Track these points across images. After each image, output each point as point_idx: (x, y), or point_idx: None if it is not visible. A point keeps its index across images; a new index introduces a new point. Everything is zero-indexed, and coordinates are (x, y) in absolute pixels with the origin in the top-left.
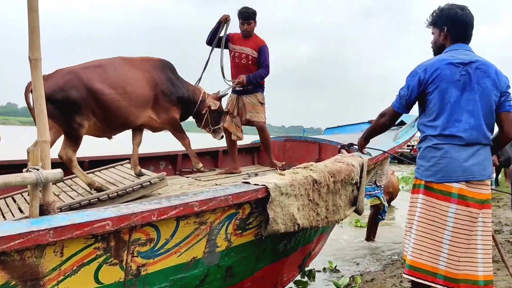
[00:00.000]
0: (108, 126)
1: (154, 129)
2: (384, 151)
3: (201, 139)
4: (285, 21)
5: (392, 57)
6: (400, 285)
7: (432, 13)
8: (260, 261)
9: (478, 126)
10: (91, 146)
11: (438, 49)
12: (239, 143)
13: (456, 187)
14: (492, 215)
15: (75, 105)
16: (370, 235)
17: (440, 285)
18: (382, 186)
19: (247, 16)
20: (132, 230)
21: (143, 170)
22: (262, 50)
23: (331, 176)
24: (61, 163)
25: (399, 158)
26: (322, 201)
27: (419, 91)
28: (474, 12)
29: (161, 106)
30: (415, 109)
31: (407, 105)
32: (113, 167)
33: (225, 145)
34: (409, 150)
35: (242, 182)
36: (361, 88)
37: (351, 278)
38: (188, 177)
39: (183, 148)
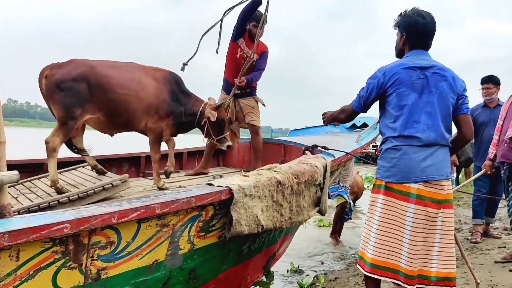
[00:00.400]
0: (111, 123)
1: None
2: (347, 153)
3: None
4: None
5: (357, 59)
6: (362, 283)
7: (398, 15)
8: (224, 263)
9: (436, 127)
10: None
11: (398, 52)
12: (203, 144)
13: (414, 187)
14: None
15: (82, 97)
16: (335, 234)
17: (401, 282)
18: (347, 186)
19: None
20: (92, 233)
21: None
22: (264, 55)
23: (295, 178)
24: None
25: (363, 159)
26: (286, 202)
27: (377, 93)
28: (435, 14)
29: (155, 115)
30: (376, 111)
31: (364, 106)
32: (75, 169)
33: (190, 146)
34: (373, 151)
35: (206, 184)
36: (327, 89)
37: (315, 278)
38: (151, 179)
39: (146, 150)
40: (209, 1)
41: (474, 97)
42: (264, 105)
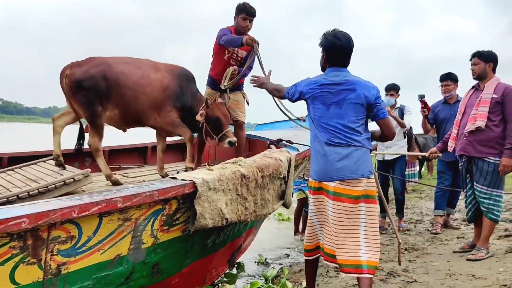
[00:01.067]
0: (124, 119)
1: (159, 130)
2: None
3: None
4: (221, 17)
5: None
6: (326, 274)
7: (322, 35)
8: (188, 257)
9: (346, 132)
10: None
11: (322, 68)
12: (168, 139)
13: (331, 185)
14: (415, 206)
15: (101, 94)
16: (298, 229)
17: (322, 257)
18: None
19: (252, 12)
20: (51, 228)
21: (67, 167)
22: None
23: (260, 171)
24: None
25: None
26: (250, 195)
27: (298, 98)
28: (401, 13)
29: (163, 109)
30: None
31: (290, 100)
32: (36, 163)
33: (154, 141)
34: None
35: (169, 178)
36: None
37: (280, 270)
38: (115, 174)
39: (110, 144)
40: None
41: (437, 94)
42: (248, 102)
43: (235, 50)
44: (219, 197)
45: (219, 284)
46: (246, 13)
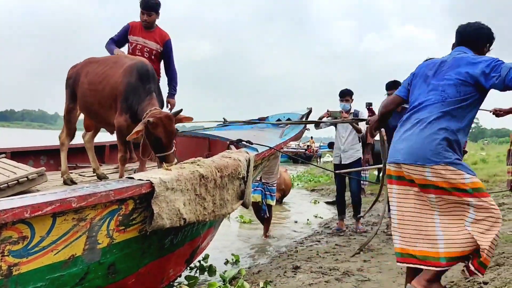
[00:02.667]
0: (90, 118)
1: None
2: (270, 147)
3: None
4: (184, 17)
5: (290, 59)
6: (284, 275)
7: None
8: (145, 257)
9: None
10: None
11: None
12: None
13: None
14: (372, 209)
15: (72, 94)
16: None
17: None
18: (271, 183)
19: (149, 6)
20: (2, 228)
21: (21, 165)
22: (169, 46)
23: (218, 171)
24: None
25: (294, 157)
26: (209, 195)
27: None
28: (363, 21)
29: (115, 109)
30: (297, 109)
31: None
32: None
33: (112, 139)
34: (304, 150)
35: (126, 177)
36: (260, 88)
37: (237, 271)
38: (71, 173)
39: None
40: None
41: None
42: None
43: (139, 40)
44: (177, 197)
45: (176, 285)
46: (142, 7)
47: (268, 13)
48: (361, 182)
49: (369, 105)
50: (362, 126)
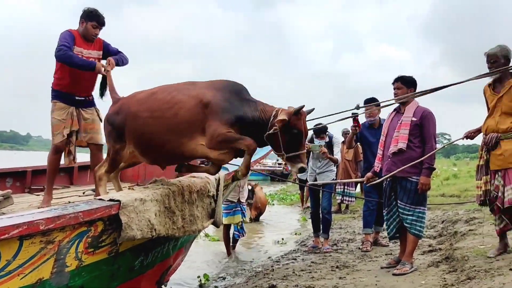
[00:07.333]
0: (149, 152)
1: (210, 160)
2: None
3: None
4: (164, 39)
5: (268, 80)
6: None
7: None
8: (115, 279)
9: None
10: None
11: None
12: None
13: None
14: (348, 226)
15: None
16: (230, 252)
17: None
18: (244, 202)
19: (103, 22)
20: None
21: None
22: (105, 43)
23: (187, 187)
24: None
25: (271, 175)
26: (178, 210)
27: None
28: (340, 41)
29: (209, 127)
30: None
31: None
32: None
33: (84, 161)
34: (280, 168)
35: (95, 199)
36: None
37: None
38: (38, 195)
39: (32, 164)
40: (118, 17)
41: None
42: (101, 120)
43: (83, 52)
44: (147, 207)
45: None
46: (97, 22)
47: (248, 34)
48: (346, 198)
49: (355, 115)
50: (338, 155)
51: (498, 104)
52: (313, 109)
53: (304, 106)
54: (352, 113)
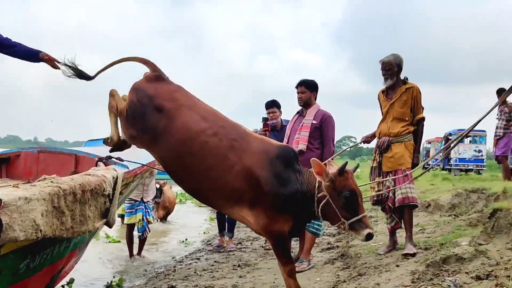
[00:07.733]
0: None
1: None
2: (142, 164)
3: None
4: (74, 29)
5: (184, 77)
6: None
7: None
8: None
9: None
10: None
11: None
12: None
13: None
14: None
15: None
16: (132, 253)
17: None
18: (149, 201)
19: None
20: None
21: None
22: None
23: (79, 185)
24: None
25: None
26: (67, 210)
27: None
28: (256, 43)
29: (260, 212)
30: None
31: None
32: None
33: None
34: None
35: None
36: None
37: None
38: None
39: None
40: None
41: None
42: None
43: None
44: (32, 207)
45: None
46: None
47: (165, 30)
48: None
49: (265, 120)
50: None
51: (390, 110)
52: (358, 165)
53: (347, 163)
54: (263, 118)
